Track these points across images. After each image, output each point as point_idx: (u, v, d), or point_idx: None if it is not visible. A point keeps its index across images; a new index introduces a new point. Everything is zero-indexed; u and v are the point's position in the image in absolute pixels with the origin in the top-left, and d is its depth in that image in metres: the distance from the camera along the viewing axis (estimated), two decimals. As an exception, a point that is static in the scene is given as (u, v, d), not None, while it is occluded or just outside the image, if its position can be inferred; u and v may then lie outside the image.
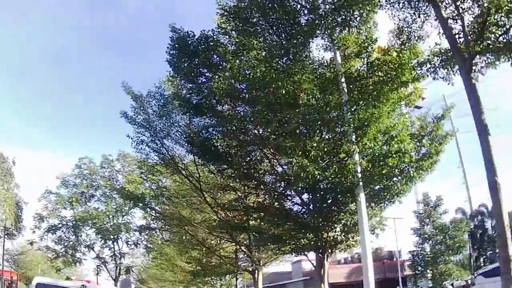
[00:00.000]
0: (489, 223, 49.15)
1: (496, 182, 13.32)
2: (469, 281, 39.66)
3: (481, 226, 50.35)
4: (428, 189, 59.92)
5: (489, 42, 14.54)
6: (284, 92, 16.72)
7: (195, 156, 22.87)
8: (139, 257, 60.28)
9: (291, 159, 17.16)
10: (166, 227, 34.17)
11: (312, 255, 19.90)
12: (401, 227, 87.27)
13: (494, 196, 13.45)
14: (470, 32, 15.40)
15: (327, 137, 18.26)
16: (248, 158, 19.92)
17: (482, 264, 48.09)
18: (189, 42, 19.78)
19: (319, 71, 18.28)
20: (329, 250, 19.23)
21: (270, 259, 27.74)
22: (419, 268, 49.98)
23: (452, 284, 37.74)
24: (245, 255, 26.89)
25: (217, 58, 19.91)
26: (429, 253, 47.82)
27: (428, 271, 48.41)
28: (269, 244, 21.20)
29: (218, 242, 30.42)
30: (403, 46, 18.15)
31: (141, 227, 50.04)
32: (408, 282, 54.05)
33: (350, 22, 18.77)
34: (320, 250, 18.76)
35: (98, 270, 55.59)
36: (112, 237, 55.61)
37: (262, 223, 20.66)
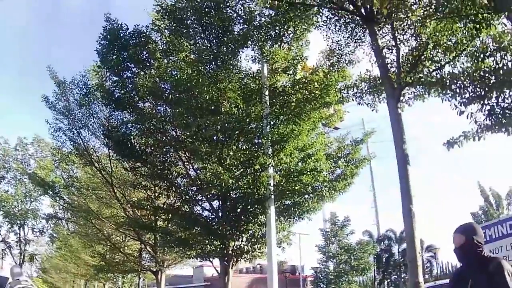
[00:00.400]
0: (396, 248, 50.50)
1: (411, 210, 13.64)
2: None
3: (387, 250, 51.57)
4: (338, 209, 61.19)
5: (421, 75, 14.92)
6: (207, 97, 16.70)
7: (110, 150, 22.46)
8: (43, 245, 58.80)
9: (206, 165, 17.09)
10: (74, 218, 33.40)
11: (217, 262, 19.84)
12: (306, 243, 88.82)
13: (408, 223, 13.79)
14: (404, 64, 15.77)
15: (244, 147, 18.34)
16: (163, 159, 19.68)
17: (385, 288, 49.49)
18: (121, 34, 19.45)
19: (245, 81, 18.37)
20: (235, 259, 19.26)
21: (175, 262, 27.47)
22: (321, 285, 50.69)
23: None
24: (150, 255, 26.57)
25: (146, 55, 19.65)
26: (332, 271, 48.59)
27: (331, 289, 49.26)
28: (174, 246, 20.99)
29: (124, 239, 29.95)
30: (331, 68, 18.44)
31: (49, 215, 48.74)
32: (309, 298, 54.62)
33: (283, 38, 18.99)
34: (226, 258, 18.75)
35: (3, 254, 53.71)
36: (19, 222, 54.02)
37: (170, 225, 20.54)
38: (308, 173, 17.30)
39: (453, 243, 5.25)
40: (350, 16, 17.06)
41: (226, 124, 16.74)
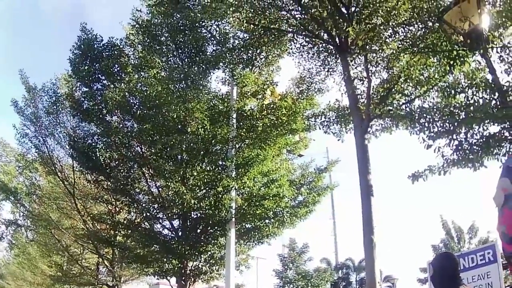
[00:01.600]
0: (354, 276, 50.70)
1: (372, 240, 13.78)
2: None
3: (345, 279, 51.65)
4: (297, 235, 61.12)
5: (390, 108, 15.09)
6: (175, 116, 16.72)
7: (74, 161, 22.24)
8: (1, 250, 57.60)
9: (169, 183, 17.05)
10: (33, 226, 32.78)
11: (174, 280, 19.71)
12: (263, 267, 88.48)
13: (369, 253, 13.92)
14: (374, 95, 15.96)
15: (208, 168, 18.34)
16: (127, 174, 19.51)
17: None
18: (95, 45, 19.43)
19: (214, 102, 18.45)
20: (192, 279, 19.12)
21: (131, 278, 27.17)
22: (277, 311, 50.49)
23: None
24: (107, 270, 26.23)
25: (118, 68, 19.64)
26: (289, 297, 48.51)
27: (286, 315, 49.05)
28: (132, 262, 20.78)
29: (82, 251, 29.53)
30: (300, 95, 18.63)
31: (9, 221, 47.76)
32: (264, 324, 54.11)
33: (255, 62, 19.16)
34: (183, 278, 18.61)
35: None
36: (-24, 226, 52.80)
37: (128, 241, 20.33)
38: (271, 198, 17.39)
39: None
40: (323, 45, 17.31)
41: (192, 144, 16.75)
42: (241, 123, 18.15)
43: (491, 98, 11.77)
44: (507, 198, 1.58)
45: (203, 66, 18.45)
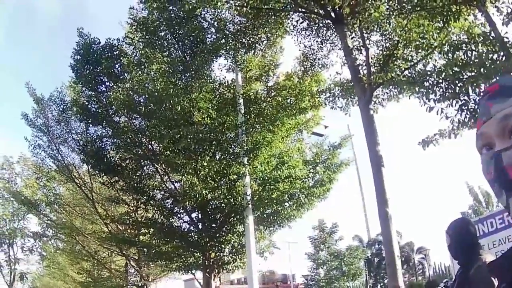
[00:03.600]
0: (387, 251, 50.47)
1: (387, 213, 13.59)
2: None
3: (378, 254, 51.57)
4: (326, 216, 60.90)
5: (392, 75, 14.82)
6: (179, 108, 16.57)
7: (88, 166, 22.28)
8: (34, 264, 58.31)
9: (182, 177, 16.96)
10: (58, 235, 33.09)
11: (200, 274, 19.68)
12: (296, 251, 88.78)
13: (385, 226, 13.73)
14: (375, 64, 15.73)
15: (218, 157, 18.21)
16: (140, 172, 19.52)
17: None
18: (94, 48, 19.36)
19: (220, 90, 18.31)
20: (216, 270, 19.09)
21: (159, 275, 27.28)
22: (313, 293, 50.56)
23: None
24: (135, 270, 26.37)
25: (119, 68, 19.56)
26: (323, 278, 48.41)
27: (323, 295, 49.06)
28: (157, 260, 20.85)
29: (109, 255, 29.72)
30: (305, 73, 18.42)
31: (36, 233, 48.35)
32: (301, 306, 54.28)
33: (256, 45, 18.97)
34: (207, 270, 18.56)
35: (-6, 274, 53.37)
36: (7, 241, 53.55)
37: (151, 239, 20.32)
38: (284, 180, 17.17)
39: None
40: (320, 20, 17.12)
41: (200, 135, 16.59)
42: (249, 108, 17.96)
43: (492, 51, 11.45)
44: None
45: (205, 55, 18.25)
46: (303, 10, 16.69)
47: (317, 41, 18.06)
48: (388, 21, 14.49)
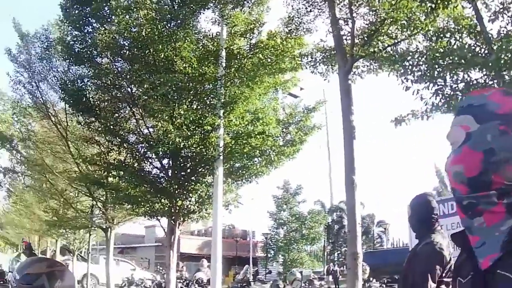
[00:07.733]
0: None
1: (353, 181, 14.05)
2: (322, 272, 41.32)
3: (339, 222, 52.43)
4: (292, 178, 61.23)
5: (375, 49, 15.18)
6: (163, 55, 16.78)
7: (66, 104, 22.36)
8: (0, 200, 58.05)
9: (157, 123, 17.25)
10: (29, 172, 33.13)
11: (165, 221, 20.01)
12: (257, 209, 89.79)
13: (350, 194, 14.20)
14: (359, 36, 16.02)
15: (195, 106, 18.50)
16: (117, 115, 19.68)
17: (335, 259, 50.32)
18: (85, -11, 19.33)
19: (203, 42, 18.51)
20: (182, 219, 19.43)
21: (124, 219, 27.54)
22: (271, 252, 51.34)
23: (301, 272, 38.98)
24: (100, 212, 26.62)
25: (108, 11, 19.54)
26: (283, 238, 49.18)
27: (280, 256, 49.85)
28: (124, 203, 21.16)
29: (76, 195, 29.83)
30: (289, 35, 18.65)
31: (6, 169, 48.09)
32: (259, 263, 54.97)
33: (245, 2, 19.10)
34: (173, 217, 18.93)
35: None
36: (-25, 174, 53.21)
37: (120, 182, 20.56)
38: (257, 135, 17.57)
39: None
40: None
41: (180, 83, 16.83)
42: (230, 63, 18.23)
43: (475, 45, 11.86)
44: (469, 136, 1.62)
45: (193, 6, 18.34)
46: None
47: (305, 5, 18.24)
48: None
